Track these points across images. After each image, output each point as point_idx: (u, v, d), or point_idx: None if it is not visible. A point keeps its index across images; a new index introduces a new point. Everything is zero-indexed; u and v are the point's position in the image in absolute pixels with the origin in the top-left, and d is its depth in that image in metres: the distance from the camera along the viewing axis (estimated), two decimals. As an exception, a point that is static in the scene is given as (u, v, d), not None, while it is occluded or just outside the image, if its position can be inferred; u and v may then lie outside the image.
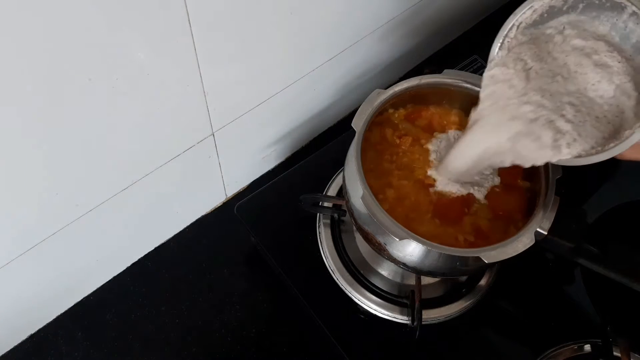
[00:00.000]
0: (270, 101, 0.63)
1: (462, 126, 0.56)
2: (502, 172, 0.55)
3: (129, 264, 0.70)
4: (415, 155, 0.55)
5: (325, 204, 0.66)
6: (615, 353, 0.59)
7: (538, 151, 0.44)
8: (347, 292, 0.62)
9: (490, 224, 0.53)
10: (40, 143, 0.44)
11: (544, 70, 0.45)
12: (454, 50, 0.85)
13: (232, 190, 0.76)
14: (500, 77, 0.47)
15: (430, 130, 0.57)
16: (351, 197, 0.53)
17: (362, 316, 0.63)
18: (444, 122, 0.58)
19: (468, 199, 0.53)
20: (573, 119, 0.43)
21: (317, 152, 0.71)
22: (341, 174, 0.61)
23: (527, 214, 0.53)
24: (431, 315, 0.61)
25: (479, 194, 0.53)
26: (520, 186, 0.55)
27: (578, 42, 0.45)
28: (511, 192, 0.55)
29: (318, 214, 0.66)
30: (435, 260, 0.50)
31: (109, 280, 0.69)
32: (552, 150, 0.43)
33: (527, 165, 0.45)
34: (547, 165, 0.51)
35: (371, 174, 0.53)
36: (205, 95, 0.54)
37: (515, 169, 0.52)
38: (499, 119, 0.45)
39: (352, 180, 0.52)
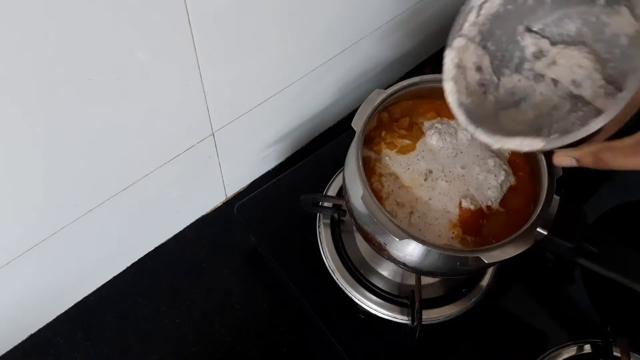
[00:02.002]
0: (270, 101, 0.63)
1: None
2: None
3: (129, 264, 0.70)
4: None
5: (325, 204, 0.66)
6: (615, 353, 0.59)
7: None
8: (347, 292, 0.62)
9: (505, 226, 0.53)
10: (40, 143, 0.44)
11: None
12: (454, 50, 0.85)
13: (232, 190, 0.76)
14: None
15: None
16: (351, 197, 0.53)
17: (362, 316, 0.63)
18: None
19: (485, 211, 0.53)
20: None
21: (317, 152, 0.71)
22: (341, 174, 0.61)
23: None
24: (431, 315, 0.61)
25: (495, 203, 0.53)
26: (528, 182, 0.55)
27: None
28: (521, 191, 0.55)
29: (318, 214, 0.66)
30: (435, 260, 0.50)
31: (109, 280, 0.69)
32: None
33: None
34: (547, 165, 0.52)
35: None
36: (205, 95, 0.54)
37: (521, 167, 0.54)
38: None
39: (352, 180, 0.52)
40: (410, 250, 0.50)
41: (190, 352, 0.66)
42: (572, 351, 0.61)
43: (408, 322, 0.60)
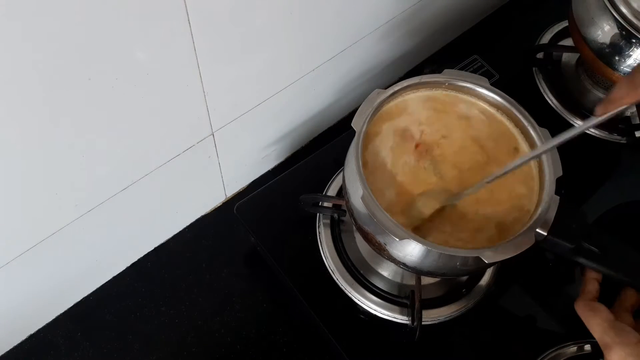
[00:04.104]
0: (270, 101, 0.63)
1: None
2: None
3: (128, 264, 0.70)
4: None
5: (325, 204, 0.66)
6: (615, 353, 0.59)
7: None
8: (347, 292, 0.62)
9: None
10: (39, 143, 0.44)
11: None
12: (454, 50, 0.85)
13: (232, 190, 0.75)
14: None
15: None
16: (351, 197, 0.53)
17: (362, 316, 0.63)
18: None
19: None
20: None
21: (317, 152, 0.71)
22: (341, 174, 0.61)
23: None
24: (431, 316, 0.61)
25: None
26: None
27: None
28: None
29: (318, 214, 0.66)
30: (435, 260, 0.50)
31: (109, 280, 0.69)
32: None
33: None
34: (547, 164, 0.52)
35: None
36: (205, 95, 0.54)
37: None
38: None
39: (352, 180, 0.52)
40: (410, 250, 0.50)
41: (190, 352, 0.66)
42: (572, 351, 0.61)
43: (408, 322, 0.60)
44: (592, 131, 0.75)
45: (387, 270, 0.64)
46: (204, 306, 0.68)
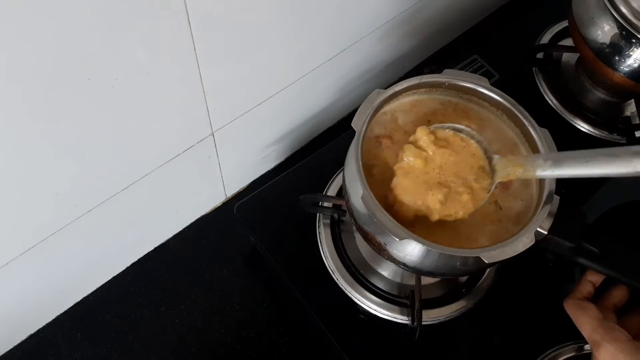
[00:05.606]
0: (270, 101, 0.63)
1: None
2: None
3: (129, 264, 0.70)
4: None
5: (325, 204, 0.66)
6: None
7: None
8: (347, 292, 0.62)
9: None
10: (38, 143, 0.44)
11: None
12: (454, 50, 0.85)
13: (232, 190, 0.75)
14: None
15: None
16: (351, 197, 0.53)
17: (362, 316, 0.63)
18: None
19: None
20: None
21: (317, 152, 0.71)
22: (341, 174, 0.61)
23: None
24: (431, 316, 0.61)
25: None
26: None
27: None
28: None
29: (318, 214, 0.66)
30: (435, 260, 0.50)
31: (109, 280, 0.69)
32: None
33: None
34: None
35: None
36: (205, 95, 0.54)
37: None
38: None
39: (352, 180, 0.52)
40: (410, 250, 0.50)
41: (190, 352, 0.66)
42: (572, 351, 0.61)
43: (408, 322, 0.60)
44: (592, 131, 0.75)
45: (387, 270, 0.64)
46: (204, 306, 0.68)
